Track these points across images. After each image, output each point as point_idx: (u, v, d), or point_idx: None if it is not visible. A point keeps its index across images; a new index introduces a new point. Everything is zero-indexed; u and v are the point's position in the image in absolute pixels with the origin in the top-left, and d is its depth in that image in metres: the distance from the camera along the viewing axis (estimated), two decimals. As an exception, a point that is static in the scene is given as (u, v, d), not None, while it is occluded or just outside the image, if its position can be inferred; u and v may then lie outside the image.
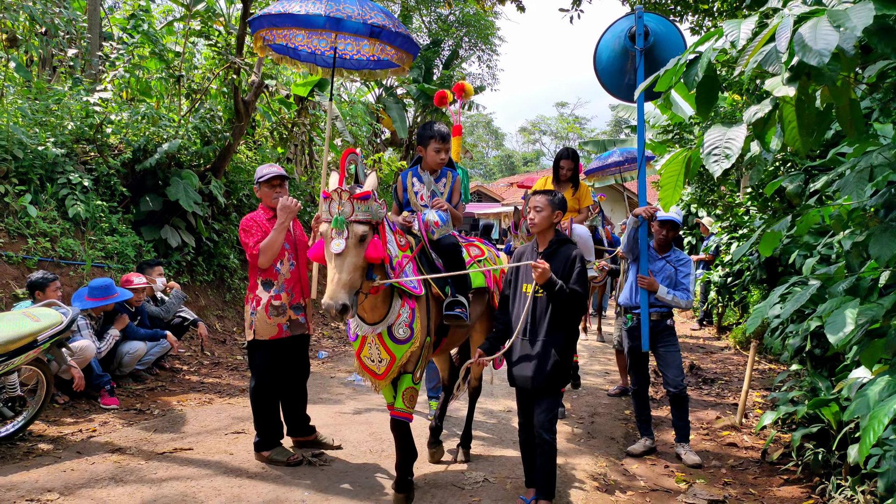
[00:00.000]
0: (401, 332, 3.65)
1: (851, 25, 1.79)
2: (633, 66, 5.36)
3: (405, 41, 5.82)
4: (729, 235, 9.55)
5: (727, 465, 4.83)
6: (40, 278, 5.61)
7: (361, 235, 3.28)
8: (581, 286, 3.67)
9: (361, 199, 3.29)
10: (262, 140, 12.19)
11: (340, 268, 3.22)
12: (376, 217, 3.38)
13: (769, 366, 8.18)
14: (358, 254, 3.28)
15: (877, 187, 3.04)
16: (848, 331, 2.58)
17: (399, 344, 3.66)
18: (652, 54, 5.22)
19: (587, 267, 6.04)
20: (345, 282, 3.20)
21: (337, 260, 3.24)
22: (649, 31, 5.13)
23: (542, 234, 3.87)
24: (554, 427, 3.75)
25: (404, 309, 3.66)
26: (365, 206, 3.30)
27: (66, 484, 4.00)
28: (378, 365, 3.73)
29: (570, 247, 3.82)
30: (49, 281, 5.62)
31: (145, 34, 8.54)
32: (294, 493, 4.03)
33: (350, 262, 3.24)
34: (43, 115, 7.75)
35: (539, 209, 3.81)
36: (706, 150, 2.24)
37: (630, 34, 5.20)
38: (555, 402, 3.79)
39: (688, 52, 2.44)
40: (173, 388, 6.53)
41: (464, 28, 22.39)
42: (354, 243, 3.26)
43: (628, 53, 5.35)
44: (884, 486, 3.47)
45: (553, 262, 3.70)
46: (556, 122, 60.86)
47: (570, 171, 6.12)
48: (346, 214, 3.26)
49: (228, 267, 9.50)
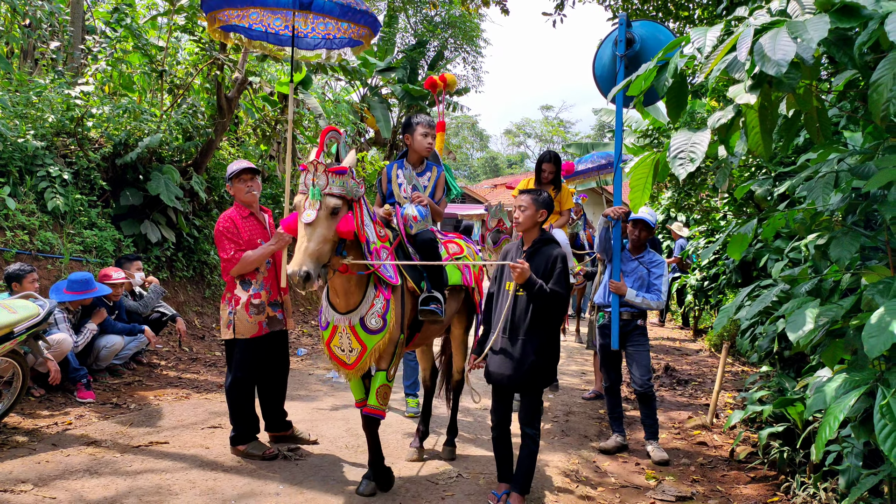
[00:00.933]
0: (373, 322, 3.67)
1: (808, 37, 1.88)
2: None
3: (369, 18, 5.62)
4: (706, 240, 9.70)
5: (697, 463, 4.93)
6: (17, 270, 5.59)
7: (333, 208, 3.32)
8: (561, 286, 3.69)
9: (337, 172, 3.34)
10: (244, 137, 12.17)
11: (309, 237, 3.27)
12: (352, 194, 3.42)
13: (742, 368, 8.33)
14: (328, 226, 3.32)
15: (842, 192, 3.15)
16: (807, 329, 2.67)
17: (371, 334, 3.68)
18: (639, 60, 5.30)
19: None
20: (312, 251, 3.24)
21: (307, 229, 3.28)
22: (634, 38, 5.21)
23: (527, 233, 3.89)
24: (537, 423, 3.80)
25: (378, 299, 3.68)
26: (340, 181, 3.35)
27: (40, 475, 4.01)
28: (348, 355, 3.75)
29: (552, 247, 3.84)
30: (26, 273, 5.61)
31: (128, 28, 8.51)
32: (269, 486, 4.06)
33: (319, 233, 3.28)
34: (23, 108, 7.70)
35: (524, 208, 3.84)
36: (672, 154, 2.32)
37: (615, 40, 5.30)
38: (535, 399, 3.81)
39: (657, 58, 2.52)
40: (150, 383, 6.52)
41: (449, 29, 22.46)
42: (326, 215, 3.31)
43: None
44: (845, 483, 3.58)
45: (535, 262, 3.73)
46: (540, 125, 61.08)
47: (551, 174, 6.20)
48: (321, 186, 3.31)
49: (208, 263, 9.49)
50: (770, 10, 2.46)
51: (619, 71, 5.31)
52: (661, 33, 5.41)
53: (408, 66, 18.43)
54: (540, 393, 3.88)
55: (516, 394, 4.45)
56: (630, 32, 5.22)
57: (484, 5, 10.56)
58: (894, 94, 1.94)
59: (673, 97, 2.56)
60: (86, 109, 7.95)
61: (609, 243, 5.09)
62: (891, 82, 1.94)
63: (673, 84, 2.46)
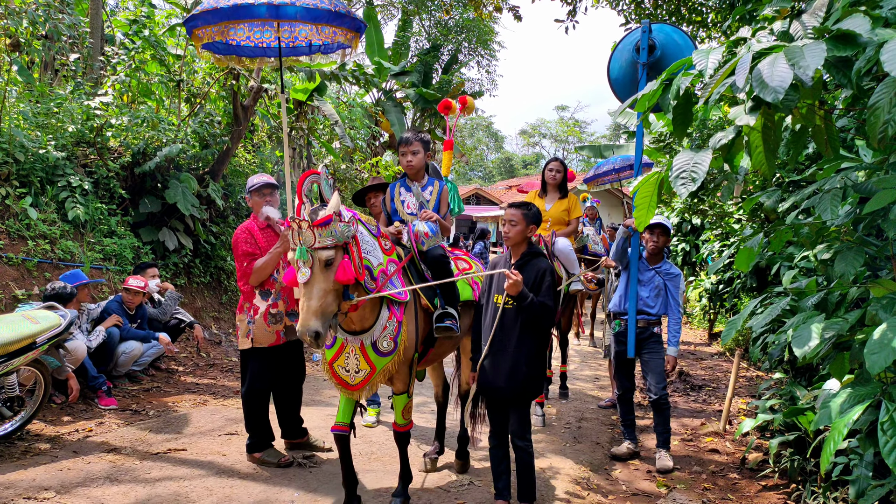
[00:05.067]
0: (385, 345, 3.63)
1: (805, 64, 1.92)
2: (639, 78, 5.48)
3: (347, 20, 5.46)
4: (721, 244, 9.69)
5: (708, 470, 4.95)
6: (64, 290, 5.78)
7: (327, 261, 3.23)
8: (550, 299, 3.72)
9: (322, 225, 3.21)
10: (260, 144, 12.31)
11: (309, 295, 3.20)
12: (342, 238, 3.30)
13: (757, 373, 8.30)
14: (326, 279, 3.24)
15: (849, 205, 3.17)
16: (813, 345, 2.69)
17: (381, 356, 3.64)
18: (660, 66, 5.31)
19: (575, 282, 6.15)
20: (314, 309, 3.18)
21: (305, 288, 3.22)
22: (655, 45, 5.23)
23: (516, 247, 3.92)
24: (528, 434, 3.82)
25: (391, 321, 3.64)
26: (328, 231, 3.22)
27: (62, 482, 4.12)
28: (353, 375, 3.69)
29: (541, 260, 3.88)
30: (75, 292, 5.88)
31: (146, 39, 8.66)
32: (284, 493, 4.14)
33: (318, 289, 3.21)
34: (44, 118, 7.88)
35: (514, 223, 3.87)
36: (674, 174, 2.36)
37: (636, 47, 5.32)
38: (525, 411, 3.84)
39: (661, 78, 2.56)
40: (168, 389, 6.64)
41: (463, 33, 22.52)
42: (320, 269, 3.22)
43: (636, 65, 5.46)
44: (854, 493, 3.60)
45: (524, 275, 3.73)
46: (556, 125, 61.00)
47: (559, 172, 6.21)
48: (309, 243, 3.21)
49: (225, 269, 9.62)
50: (773, 30, 2.50)
51: (642, 78, 5.33)
52: (679, 36, 5.42)
53: (422, 69, 18.55)
54: (529, 405, 3.91)
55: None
56: (652, 39, 5.23)
57: (497, 11, 10.61)
58: (892, 118, 1.97)
59: (678, 115, 2.60)
60: (105, 119, 8.10)
61: (625, 253, 5.13)
62: (888, 106, 1.97)
63: (677, 104, 2.50)
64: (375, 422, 5.76)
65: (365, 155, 15.99)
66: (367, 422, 5.76)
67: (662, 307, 5.17)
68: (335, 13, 5.29)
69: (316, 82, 11.40)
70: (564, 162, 6.33)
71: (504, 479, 3.92)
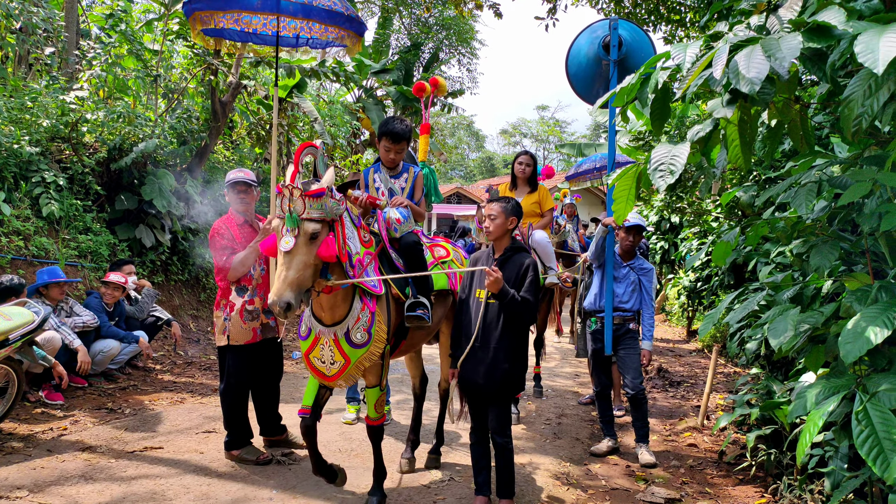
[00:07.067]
0: (358, 336, 3.57)
1: (781, 55, 1.93)
2: (606, 75, 5.49)
3: (344, 20, 5.47)
4: (699, 241, 9.77)
5: (686, 465, 4.98)
6: (11, 281, 5.67)
7: (312, 233, 3.19)
8: (532, 294, 3.69)
9: (314, 196, 3.19)
10: (239, 140, 12.21)
11: (289, 265, 3.15)
12: (331, 214, 3.28)
13: (735, 369, 8.39)
14: (308, 252, 3.20)
15: (825, 200, 3.20)
16: (788, 336, 2.72)
17: (355, 348, 3.57)
18: (624, 63, 5.35)
19: (551, 275, 6.17)
20: (291, 279, 3.12)
21: (286, 257, 3.16)
22: (623, 42, 5.24)
23: (498, 242, 3.88)
24: (507, 431, 3.81)
25: (364, 312, 3.58)
26: (318, 204, 3.20)
27: (35, 481, 4.05)
28: (329, 367, 3.64)
29: (523, 255, 3.84)
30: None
31: (122, 34, 8.55)
32: (262, 491, 4.11)
33: (299, 260, 3.16)
34: (18, 113, 7.74)
35: (493, 217, 3.83)
36: (652, 166, 2.36)
37: (604, 44, 5.32)
38: (505, 408, 3.82)
39: (640, 72, 2.57)
40: (145, 388, 6.56)
41: (443, 31, 22.52)
42: (304, 241, 3.18)
43: (601, 61, 5.46)
44: (830, 486, 3.64)
45: (506, 270, 3.72)
46: (536, 124, 61.18)
47: (528, 166, 6.20)
48: (298, 211, 3.17)
49: (203, 267, 9.52)
50: (749, 24, 2.51)
51: (613, 76, 5.35)
52: (639, 36, 5.45)
53: (402, 67, 18.48)
54: (510, 401, 3.89)
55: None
56: (620, 35, 5.25)
57: (477, 8, 10.61)
58: (865, 111, 1.99)
59: (656, 110, 2.61)
60: (80, 114, 7.98)
61: (603, 251, 5.15)
62: (861, 98, 1.99)
63: (655, 98, 2.51)
64: (355, 419, 5.73)
65: (345, 152, 15.92)
66: (347, 419, 5.72)
67: (637, 302, 5.22)
68: (346, 16, 5.36)
69: (296, 79, 11.32)
70: (534, 156, 6.33)
71: (484, 475, 3.90)
